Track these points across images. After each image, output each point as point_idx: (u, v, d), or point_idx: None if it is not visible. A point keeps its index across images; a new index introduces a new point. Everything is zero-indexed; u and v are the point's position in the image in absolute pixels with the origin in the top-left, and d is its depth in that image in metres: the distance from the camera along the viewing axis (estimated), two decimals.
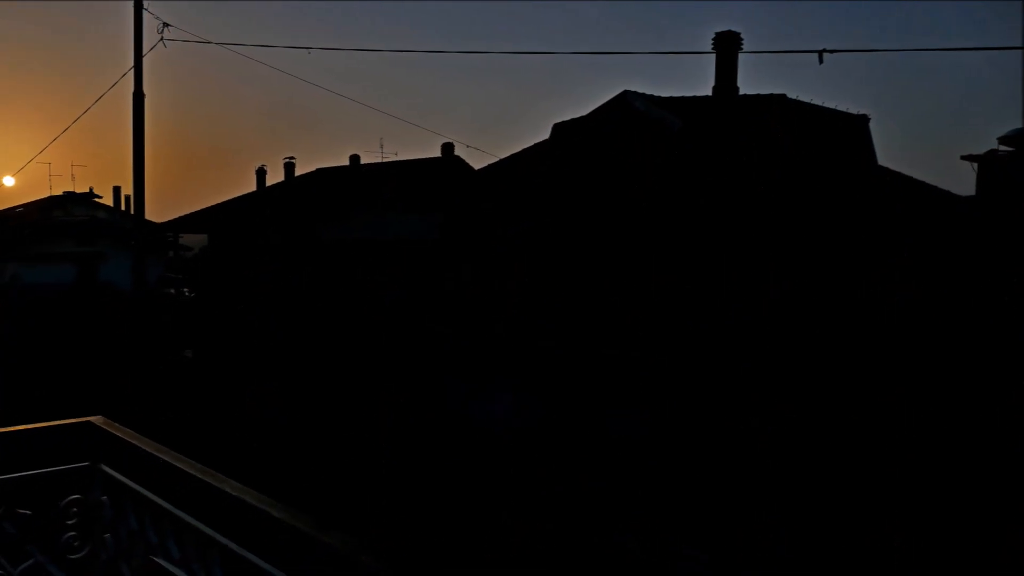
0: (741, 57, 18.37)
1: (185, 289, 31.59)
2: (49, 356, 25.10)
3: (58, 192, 36.87)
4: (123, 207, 36.48)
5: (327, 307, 20.62)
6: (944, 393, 10.44)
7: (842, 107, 18.09)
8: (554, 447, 13.29)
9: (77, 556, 4.00)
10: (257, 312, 23.97)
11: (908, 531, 9.78)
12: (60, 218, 33.42)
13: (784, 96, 17.44)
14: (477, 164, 30.12)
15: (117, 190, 38.11)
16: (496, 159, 22.19)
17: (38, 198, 37.92)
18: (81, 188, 36.37)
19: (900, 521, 9.94)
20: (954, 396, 10.39)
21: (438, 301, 17.57)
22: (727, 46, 18.24)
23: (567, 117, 19.04)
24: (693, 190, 15.16)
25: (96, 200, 36.13)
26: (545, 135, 19.32)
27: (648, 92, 18.75)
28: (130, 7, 19.74)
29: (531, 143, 20.61)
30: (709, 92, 18.73)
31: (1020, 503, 9.38)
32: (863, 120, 17.98)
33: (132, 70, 19.70)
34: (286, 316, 22.06)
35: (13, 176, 28.67)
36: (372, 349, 17.24)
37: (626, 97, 17.77)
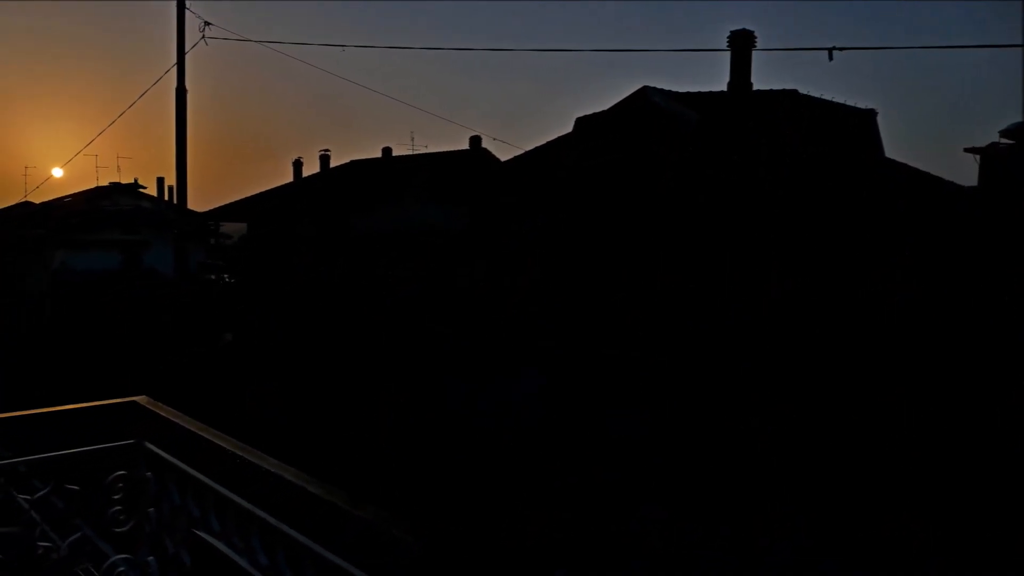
0: (755, 54, 18.24)
1: (225, 275, 31.81)
2: (83, 343, 25.28)
3: (104, 183, 37.17)
4: (166, 197, 36.75)
5: (351, 302, 20.55)
6: (944, 392, 10.21)
7: (851, 102, 17.94)
8: (554, 447, 13.14)
9: (122, 529, 4.05)
10: (281, 308, 24.06)
11: (924, 519, 9.56)
12: (106, 207, 33.64)
13: (796, 92, 17.27)
14: (504, 156, 30.07)
15: (161, 181, 38.39)
16: (521, 151, 22.06)
17: (86, 188, 38.26)
18: (126, 179, 36.68)
19: (914, 511, 9.72)
20: (954, 395, 10.19)
21: (448, 298, 17.43)
22: (742, 44, 18.13)
23: (589, 111, 18.93)
24: (700, 188, 15.02)
25: (140, 190, 36.43)
26: (567, 129, 19.21)
27: (667, 88, 18.62)
28: (173, 7, 19.88)
29: (555, 136, 20.50)
30: (724, 88, 18.59)
31: (1021, 501, 9.22)
32: (871, 114, 17.83)
33: (175, 67, 19.85)
34: (310, 311, 22.09)
35: (62, 167, 29.02)
36: (377, 346, 17.10)
37: (645, 92, 17.65)
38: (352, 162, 33.69)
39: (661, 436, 12.10)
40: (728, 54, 18.26)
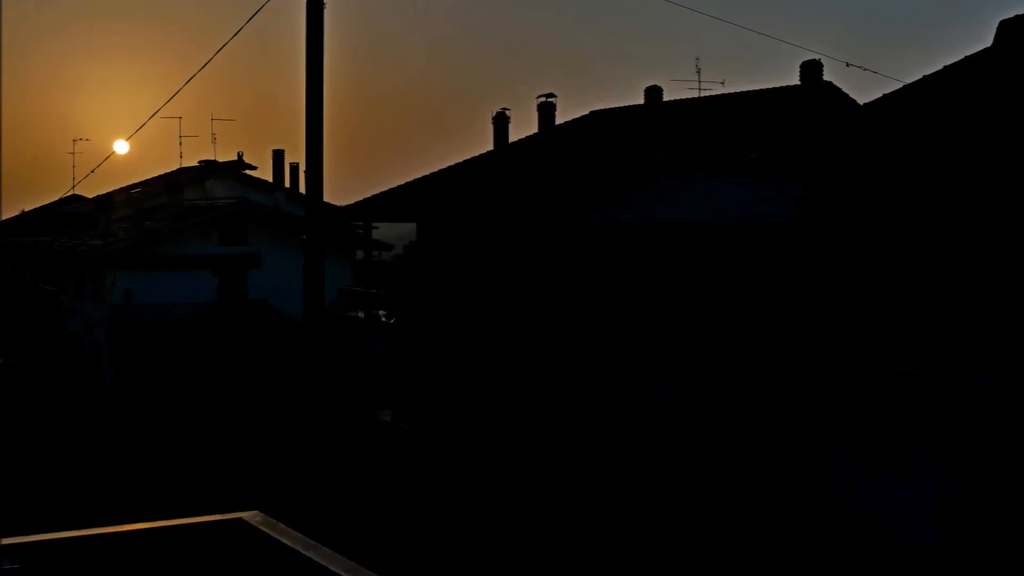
0: None
1: (381, 311, 32.50)
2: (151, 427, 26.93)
3: (191, 162, 39.66)
4: (287, 183, 37.80)
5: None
6: None
7: None
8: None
9: None
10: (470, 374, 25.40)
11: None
12: (194, 201, 35.81)
13: None
14: (863, 95, 29.96)
15: (278, 156, 39.81)
16: (898, 84, 21.93)
17: (163, 173, 40.11)
18: (224, 154, 38.84)
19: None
20: None
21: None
22: None
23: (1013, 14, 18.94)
24: None
25: (247, 172, 38.50)
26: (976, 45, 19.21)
27: None
28: None
29: (948, 61, 20.45)
30: None
31: None
32: None
33: None
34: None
35: (127, 140, 29.40)
36: None
37: None
38: (593, 113, 34.54)
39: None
40: None
